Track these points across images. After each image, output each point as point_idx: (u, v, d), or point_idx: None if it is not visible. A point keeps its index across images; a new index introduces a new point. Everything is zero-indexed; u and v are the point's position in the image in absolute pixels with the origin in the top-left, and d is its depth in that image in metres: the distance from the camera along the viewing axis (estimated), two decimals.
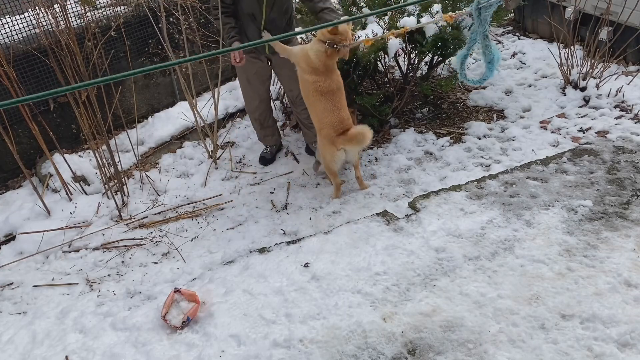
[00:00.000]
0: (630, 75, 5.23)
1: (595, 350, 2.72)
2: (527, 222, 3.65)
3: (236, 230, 4.27)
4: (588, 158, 4.23)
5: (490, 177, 4.19)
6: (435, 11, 4.67)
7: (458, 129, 5.14)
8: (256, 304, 3.33)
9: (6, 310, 3.79)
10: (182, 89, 5.31)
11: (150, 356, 3.12)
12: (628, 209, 3.64)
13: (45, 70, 4.87)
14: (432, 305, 3.14)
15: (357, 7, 5.05)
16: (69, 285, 3.94)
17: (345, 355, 2.92)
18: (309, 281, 3.42)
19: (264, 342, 3.06)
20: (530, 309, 3.01)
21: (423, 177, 4.54)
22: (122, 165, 4.85)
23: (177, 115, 5.59)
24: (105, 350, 3.22)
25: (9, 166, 4.99)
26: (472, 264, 3.38)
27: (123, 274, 4.00)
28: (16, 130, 4.52)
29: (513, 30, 6.93)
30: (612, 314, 2.88)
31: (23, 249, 4.27)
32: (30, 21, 4.74)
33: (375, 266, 3.45)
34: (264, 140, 5.04)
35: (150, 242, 4.26)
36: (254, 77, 4.52)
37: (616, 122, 4.71)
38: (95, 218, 4.52)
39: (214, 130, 5.04)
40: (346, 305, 3.20)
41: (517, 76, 5.86)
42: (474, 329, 2.95)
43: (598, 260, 3.26)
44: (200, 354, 3.06)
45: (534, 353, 2.77)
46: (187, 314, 3.27)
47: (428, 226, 3.74)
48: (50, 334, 3.46)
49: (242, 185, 4.81)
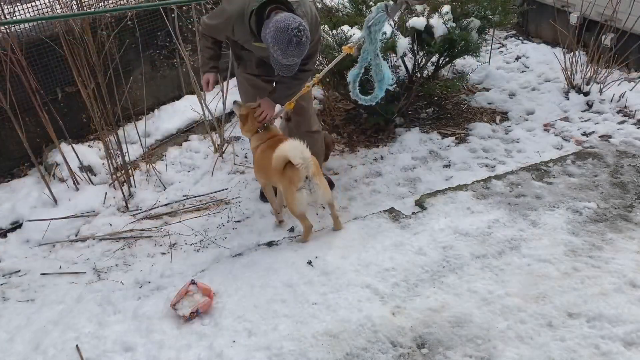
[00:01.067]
0: (633, 82, 5.31)
1: (602, 348, 2.78)
2: (533, 222, 3.72)
3: (243, 223, 4.30)
4: (592, 161, 4.30)
5: (495, 177, 4.25)
6: (445, 12, 4.73)
7: (462, 129, 5.20)
8: (266, 296, 3.37)
9: (14, 297, 3.81)
10: (188, 82, 5.34)
11: (162, 345, 3.15)
12: (632, 212, 3.71)
13: (55, 58, 4.87)
14: (440, 301, 3.19)
15: (366, 6, 5.10)
16: (76, 274, 3.96)
17: (355, 348, 2.96)
18: (319, 275, 3.46)
19: (274, 334, 3.10)
20: (538, 307, 3.07)
21: (428, 176, 4.59)
22: (129, 156, 4.86)
23: (184, 109, 5.60)
24: (116, 339, 3.25)
25: (15, 154, 4.99)
26: (479, 262, 3.44)
27: (131, 264, 4.02)
28: (24, 118, 4.51)
29: (516, 34, 7.00)
30: (618, 313, 2.94)
31: (30, 237, 4.29)
32: (42, 9, 4.73)
33: (384, 262, 3.50)
34: None
35: (158, 233, 4.28)
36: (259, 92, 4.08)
37: (619, 126, 4.79)
38: (102, 208, 4.54)
39: (221, 124, 5.07)
40: (356, 300, 3.25)
41: (521, 79, 5.93)
42: (482, 325, 3.00)
43: (603, 261, 3.33)
44: (212, 344, 3.09)
45: (542, 350, 2.83)
46: (198, 306, 3.30)
47: (435, 224, 3.79)
48: (59, 322, 3.48)
49: (248, 180, 4.84)
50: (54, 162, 4.90)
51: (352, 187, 4.53)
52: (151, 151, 5.31)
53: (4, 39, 4.17)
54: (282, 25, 3.18)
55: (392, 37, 4.58)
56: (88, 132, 5.39)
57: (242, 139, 5.42)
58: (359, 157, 4.93)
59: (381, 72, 3.23)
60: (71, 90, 5.08)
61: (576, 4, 5.65)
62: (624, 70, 5.59)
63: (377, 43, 3.12)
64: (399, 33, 4.64)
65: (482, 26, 5.02)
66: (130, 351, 3.17)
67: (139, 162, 5.11)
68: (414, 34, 4.80)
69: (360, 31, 4.55)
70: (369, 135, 5.23)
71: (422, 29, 4.77)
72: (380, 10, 3.03)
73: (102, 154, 4.95)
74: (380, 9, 3.04)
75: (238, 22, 3.51)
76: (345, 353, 2.94)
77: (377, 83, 3.33)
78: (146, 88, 5.25)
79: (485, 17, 5.03)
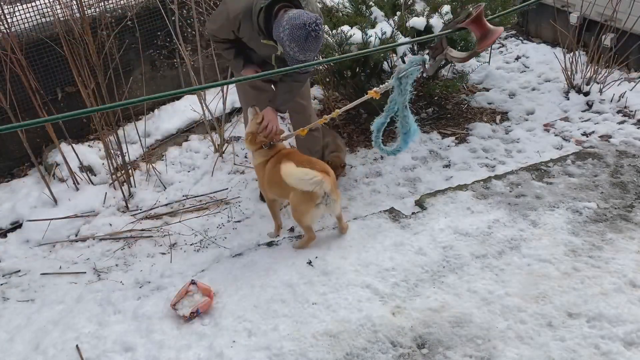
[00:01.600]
0: (633, 82, 5.31)
1: (602, 348, 2.78)
2: (533, 222, 3.72)
3: (243, 223, 4.30)
4: (592, 161, 4.30)
5: (496, 177, 4.25)
6: (445, 12, 4.73)
7: (462, 129, 5.20)
8: (266, 296, 3.37)
9: (14, 297, 3.80)
10: (188, 82, 5.34)
11: (162, 345, 3.15)
12: (632, 212, 3.71)
13: (55, 58, 4.87)
14: (440, 301, 3.19)
15: (366, 6, 5.10)
16: (76, 274, 3.95)
17: (355, 348, 2.96)
18: (318, 275, 3.46)
19: (274, 334, 3.10)
20: (538, 307, 3.07)
21: (428, 176, 4.59)
22: (129, 156, 4.86)
23: (184, 109, 5.60)
24: (116, 339, 3.25)
25: (15, 154, 4.99)
26: (479, 262, 3.44)
27: (131, 264, 4.01)
28: (24, 118, 4.51)
29: (516, 34, 7.00)
30: (618, 313, 2.94)
31: (30, 237, 4.28)
32: (42, 9, 4.74)
33: (384, 262, 3.50)
34: None
35: (157, 233, 4.28)
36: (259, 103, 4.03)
37: (619, 127, 4.79)
38: (102, 208, 4.54)
39: (221, 124, 5.07)
40: (356, 300, 3.25)
41: (521, 79, 5.93)
42: (483, 325, 3.00)
43: (603, 261, 3.33)
44: (212, 344, 3.10)
45: (542, 350, 2.83)
46: (198, 306, 3.30)
47: (435, 224, 3.80)
48: (59, 322, 3.48)
49: (248, 180, 4.83)
50: (54, 162, 4.90)
51: (352, 187, 4.53)
52: (151, 151, 5.31)
53: (4, 39, 4.17)
54: (299, 22, 3.19)
55: (392, 37, 4.57)
56: (88, 132, 5.39)
57: (243, 138, 5.41)
58: (359, 157, 4.93)
59: (407, 124, 3.00)
60: (71, 90, 5.08)
61: (576, 4, 5.65)
62: (624, 70, 5.59)
63: (407, 95, 2.90)
64: (399, 33, 4.64)
65: None
66: (130, 351, 3.17)
67: (139, 162, 5.11)
68: (414, 34, 4.79)
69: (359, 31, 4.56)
70: (369, 135, 5.21)
71: (422, 29, 4.77)
72: (414, 64, 2.80)
73: (102, 154, 4.95)
74: (416, 62, 2.79)
75: (245, 19, 3.51)
76: (345, 353, 2.94)
77: (401, 135, 3.10)
78: (146, 88, 5.26)
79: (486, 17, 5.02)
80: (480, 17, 2.34)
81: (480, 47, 2.43)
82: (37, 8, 4.76)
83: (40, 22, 4.80)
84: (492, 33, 2.37)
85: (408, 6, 5.00)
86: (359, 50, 4.56)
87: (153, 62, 5.68)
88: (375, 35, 4.54)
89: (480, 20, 2.35)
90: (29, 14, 4.74)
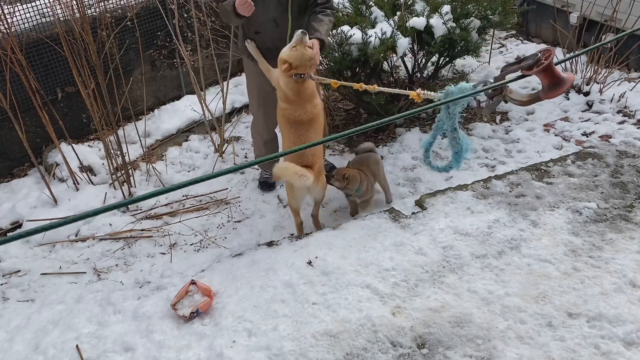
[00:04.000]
0: (633, 82, 5.31)
1: (602, 348, 2.78)
2: (533, 222, 3.71)
3: (243, 223, 4.31)
4: (592, 161, 4.30)
5: (496, 177, 4.25)
6: (445, 12, 4.73)
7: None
8: (266, 296, 3.36)
9: (14, 297, 3.81)
10: (188, 82, 5.34)
11: (162, 345, 3.15)
12: (632, 212, 3.71)
13: (55, 58, 4.88)
14: (440, 301, 3.19)
15: (366, 6, 5.10)
16: (76, 274, 3.96)
17: (355, 348, 2.96)
18: (318, 275, 3.45)
19: (274, 334, 3.10)
20: (538, 307, 3.07)
21: (428, 176, 4.59)
22: (129, 156, 4.86)
23: (184, 109, 5.61)
24: (116, 339, 3.25)
25: (15, 154, 5.00)
26: (479, 262, 3.44)
27: (131, 264, 4.02)
28: (23, 118, 4.51)
29: (517, 34, 7.00)
30: (618, 313, 2.94)
31: (30, 236, 4.27)
32: (42, 9, 4.74)
33: (384, 262, 3.50)
34: (265, 165, 4.54)
35: (157, 233, 4.28)
36: (268, 99, 4.00)
37: (619, 127, 4.79)
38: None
39: (221, 124, 5.07)
40: (356, 300, 3.24)
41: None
42: (483, 325, 3.00)
43: (603, 261, 3.33)
44: (212, 344, 3.09)
45: (542, 350, 2.82)
46: (198, 306, 3.30)
47: (435, 224, 3.79)
48: (59, 322, 3.48)
49: (248, 180, 4.84)
50: (54, 162, 4.90)
51: None
52: (151, 151, 5.31)
53: (4, 39, 4.17)
54: None
55: (392, 37, 4.57)
56: (88, 132, 5.39)
57: (242, 139, 5.42)
58: None
59: (458, 144, 2.94)
60: (71, 90, 5.08)
61: (576, 4, 5.65)
62: (624, 70, 5.59)
63: (455, 119, 2.85)
64: (399, 33, 4.64)
65: (482, 26, 5.02)
66: (130, 351, 3.17)
67: (139, 162, 5.11)
68: (414, 34, 4.80)
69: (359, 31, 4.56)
70: (369, 135, 5.23)
71: (422, 29, 4.77)
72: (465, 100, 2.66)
73: (102, 154, 4.96)
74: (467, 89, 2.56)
75: None
76: (345, 353, 2.94)
77: (453, 154, 3.06)
78: (146, 88, 5.26)
79: (486, 17, 5.03)
80: (550, 66, 2.11)
81: (547, 96, 2.22)
82: (37, 8, 4.76)
83: (40, 22, 4.81)
84: (563, 82, 2.15)
85: (408, 6, 5.00)
86: (358, 50, 4.57)
87: (153, 62, 5.68)
88: (375, 35, 4.54)
89: (551, 69, 2.12)
90: (29, 14, 4.75)
